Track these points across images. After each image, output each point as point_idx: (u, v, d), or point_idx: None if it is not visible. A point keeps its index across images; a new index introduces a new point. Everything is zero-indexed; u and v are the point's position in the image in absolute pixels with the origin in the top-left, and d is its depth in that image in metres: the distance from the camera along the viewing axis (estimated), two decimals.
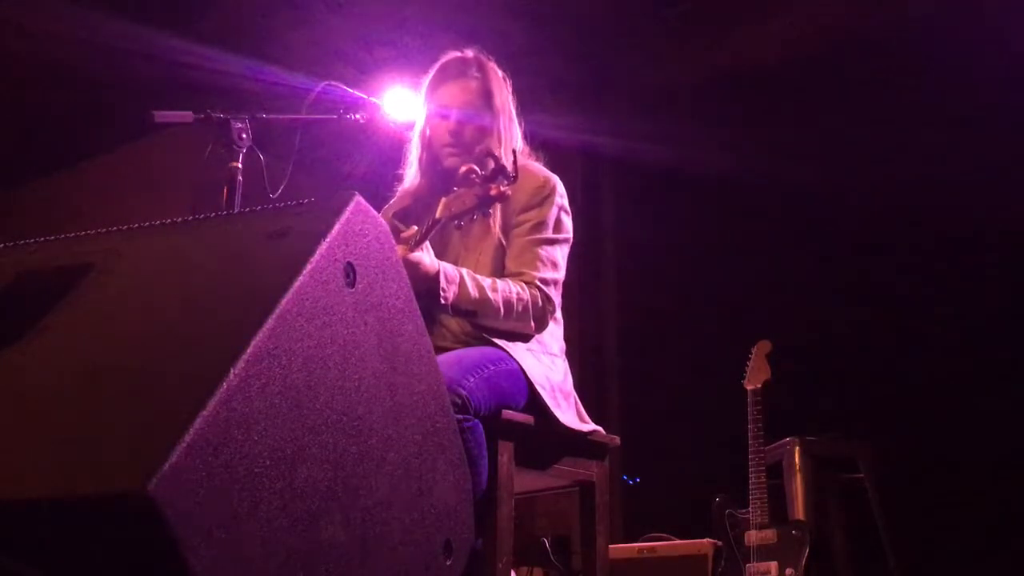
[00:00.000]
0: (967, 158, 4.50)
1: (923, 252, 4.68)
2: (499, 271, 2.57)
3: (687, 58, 5.35)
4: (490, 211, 2.39)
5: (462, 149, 2.64)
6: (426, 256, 2.36)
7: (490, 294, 2.41)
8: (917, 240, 4.72)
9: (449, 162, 2.65)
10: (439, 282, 2.34)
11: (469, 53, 2.75)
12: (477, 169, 2.36)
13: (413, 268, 2.28)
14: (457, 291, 2.38)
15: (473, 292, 2.39)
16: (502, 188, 2.31)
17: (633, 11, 5.04)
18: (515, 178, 2.33)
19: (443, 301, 2.35)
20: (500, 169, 2.30)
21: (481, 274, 2.48)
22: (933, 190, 4.55)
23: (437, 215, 2.37)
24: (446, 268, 2.38)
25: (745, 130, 5.03)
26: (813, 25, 4.97)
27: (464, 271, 2.43)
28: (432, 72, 2.73)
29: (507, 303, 2.43)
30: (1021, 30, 4.40)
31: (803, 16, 4.95)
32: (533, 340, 2.56)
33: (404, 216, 2.71)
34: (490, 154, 2.36)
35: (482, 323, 2.45)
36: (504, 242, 2.60)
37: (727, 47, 5.20)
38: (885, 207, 4.76)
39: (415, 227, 2.39)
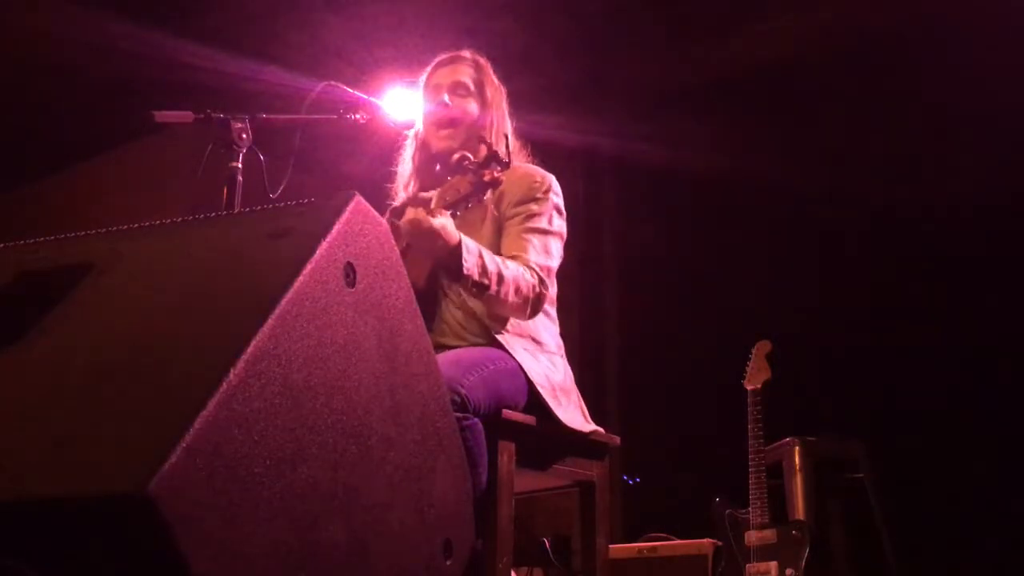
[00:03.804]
0: (968, 159, 4.49)
1: (923, 252, 4.68)
2: None
3: (687, 58, 5.35)
4: (484, 198, 2.38)
5: (452, 131, 2.64)
6: (449, 223, 2.33)
7: (504, 271, 2.40)
8: (918, 240, 4.72)
9: (440, 145, 2.66)
10: (461, 251, 2.32)
11: (466, 53, 2.77)
12: (470, 156, 2.35)
13: (436, 235, 2.27)
14: (478, 262, 2.36)
15: (491, 266, 2.37)
16: (496, 174, 2.29)
17: (633, 11, 5.04)
18: (508, 163, 2.32)
19: (465, 272, 2.32)
20: (493, 155, 2.30)
21: None
22: (934, 190, 4.55)
23: (432, 205, 2.36)
24: (466, 239, 2.37)
25: (745, 131, 5.03)
26: (813, 25, 4.97)
27: (479, 245, 2.42)
28: (428, 67, 2.76)
29: (515, 283, 2.41)
30: (1022, 29, 4.40)
31: (803, 17, 4.95)
32: (529, 339, 2.56)
33: (400, 215, 2.70)
34: (482, 141, 2.36)
35: (489, 298, 2.41)
36: (498, 236, 2.60)
37: (727, 47, 5.20)
38: (885, 207, 4.76)
39: (430, 192, 2.38)
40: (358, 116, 2.81)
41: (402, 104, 3.01)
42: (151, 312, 1.48)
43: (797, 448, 4.22)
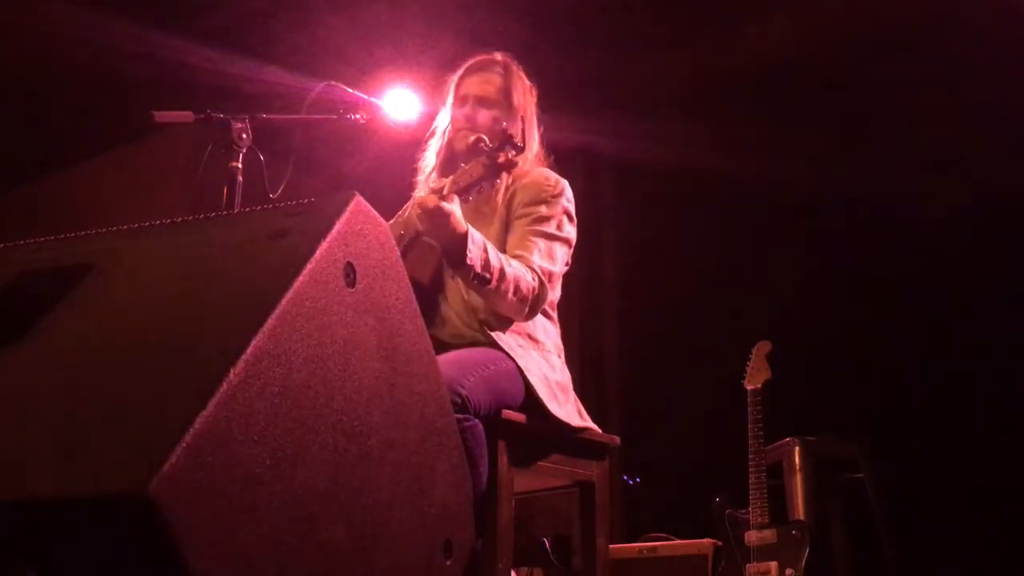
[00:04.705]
0: (968, 157, 4.50)
1: (924, 252, 4.68)
2: None
3: (688, 58, 5.34)
4: (498, 180, 2.38)
5: (477, 133, 2.65)
6: (457, 209, 2.34)
7: (507, 268, 2.40)
8: (918, 240, 4.71)
9: (462, 145, 2.67)
10: (467, 241, 2.32)
11: (498, 56, 2.77)
12: (485, 139, 2.36)
13: (445, 220, 2.28)
14: (482, 255, 2.36)
15: (494, 261, 2.38)
16: (510, 156, 2.30)
17: (634, 10, 5.04)
18: (522, 148, 2.33)
19: (468, 261, 2.32)
20: (508, 138, 2.31)
21: None
22: (934, 189, 4.56)
23: (445, 191, 2.36)
24: (473, 231, 2.37)
25: (746, 130, 5.03)
26: (814, 25, 4.96)
27: (486, 239, 2.42)
28: (460, 69, 2.76)
29: (516, 281, 2.42)
30: (1021, 29, 4.40)
31: (804, 16, 4.95)
32: (525, 336, 2.56)
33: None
34: (498, 124, 2.37)
35: (489, 292, 2.41)
36: (506, 233, 2.61)
37: (728, 47, 5.20)
38: (886, 207, 4.76)
39: (446, 179, 2.39)
40: (358, 116, 2.82)
41: (402, 104, 3.01)
42: (151, 312, 1.48)
43: (797, 448, 4.21)
